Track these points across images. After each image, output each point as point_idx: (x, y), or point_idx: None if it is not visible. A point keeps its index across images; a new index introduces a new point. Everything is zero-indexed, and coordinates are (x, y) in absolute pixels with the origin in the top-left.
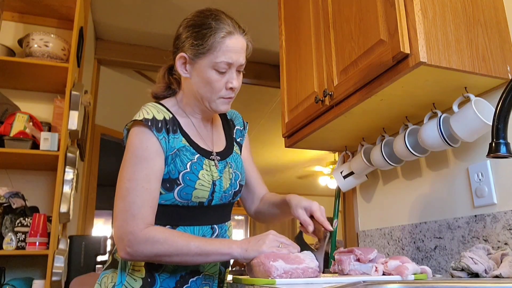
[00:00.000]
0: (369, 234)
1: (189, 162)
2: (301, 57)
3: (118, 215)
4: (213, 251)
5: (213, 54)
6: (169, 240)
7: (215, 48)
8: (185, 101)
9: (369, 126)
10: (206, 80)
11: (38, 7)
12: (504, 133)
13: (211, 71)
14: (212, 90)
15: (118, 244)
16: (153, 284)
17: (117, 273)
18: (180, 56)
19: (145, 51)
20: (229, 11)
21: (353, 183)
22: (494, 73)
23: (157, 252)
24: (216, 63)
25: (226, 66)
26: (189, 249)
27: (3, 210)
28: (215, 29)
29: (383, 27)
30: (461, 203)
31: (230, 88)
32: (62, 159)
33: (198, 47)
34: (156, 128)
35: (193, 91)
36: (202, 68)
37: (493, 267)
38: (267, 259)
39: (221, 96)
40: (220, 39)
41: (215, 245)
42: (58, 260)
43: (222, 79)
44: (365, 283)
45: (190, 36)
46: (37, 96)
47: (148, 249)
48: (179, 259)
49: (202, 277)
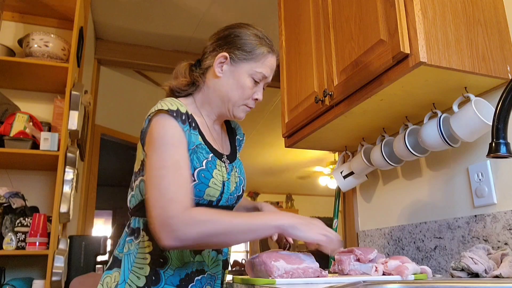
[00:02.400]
0: (369, 234)
1: (205, 160)
2: (301, 57)
3: (154, 204)
4: (261, 225)
5: (256, 63)
6: (213, 219)
7: (259, 59)
8: (204, 101)
9: (369, 126)
10: (241, 84)
11: (38, 7)
12: (504, 133)
13: (248, 78)
14: (242, 95)
15: (161, 233)
16: (157, 282)
17: (119, 273)
18: (222, 55)
19: (145, 51)
20: (229, 11)
21: (353, 183)
22: (494, 73)
23: (203, 233)
24: (255, 72)
25: (261, 78)
26: (236, 226)
27: (3, 210)
28: (264, 43)
29: (383, 27)
30: (461, 203)
31: (255, 99)
32: (62, 159)
33: (247, 53)
34: (181, 120)
35: (220, 91)
36: (241, 72)
37: (493, 267)
38: (269, 259)
39: (245, 104)
40: (266, 53)
41: (261, 219)
42: (58, 260)
43: (253, 89)
44: (365, 283)
45: (241, 40)
46: (37, 96)
47: (193, 231)
48: (227, 238)
49: (206, 276)
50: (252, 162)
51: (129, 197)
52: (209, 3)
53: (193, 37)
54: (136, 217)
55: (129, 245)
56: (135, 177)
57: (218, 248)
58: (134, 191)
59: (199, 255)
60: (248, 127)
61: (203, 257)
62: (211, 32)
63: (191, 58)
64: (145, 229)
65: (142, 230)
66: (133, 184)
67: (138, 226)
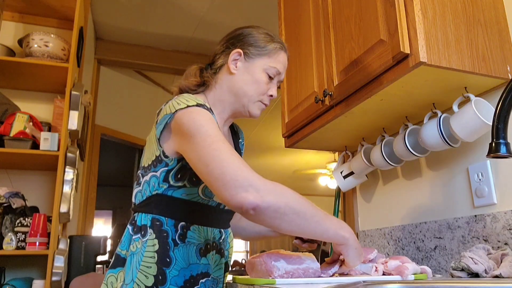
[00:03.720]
0: (369, 234)
1: None
2: (301, 57)
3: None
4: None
5: (269, 59)
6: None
7: (273, 55)
8: (216, 99)
9: (369, 126)
10: (256, 79)
11: (38, 7)
12: (504, 133)
13: (263, 73)
14: (257, 90)
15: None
16: (164, 282)
17: (124, 272)
18: (236, 52)
19: (145, 51)
20: (229, 11)
21: (353, 183)
22: (494, 73)
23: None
24: (269, 67)
25: (275, 73)
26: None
27: (3, 210)
28: (276, 40)
29: (383, 27)
30: (461, 203)
31: (270, 95)
32: (62, 159)
33: (260, 48)
34: (212, 113)
35: (235, 87)
36: (256, 68)
37: (493, 267)
38: (269, 259)
39: (260, 100)
40: (279, 49)
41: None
42: (58, 260)
43: (268, 84)
44: (365, 283)
45: (253, 37)
46: (37, 96)
47: (277, 196)
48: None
49: (210, 279)
50: (252, 162)
51: (134, 192)
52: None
53: (193, 37)
54: (141, 213)
55: (136, 243)
56: (145, 172)
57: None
58: (141, 187)
59: (205, 257)
60: (248, 127)
61: (208, 259)
62: (211, 32)
63: (191, 58)
64: (152, 227)
65: (149, 227)
66: (141, 180)
67: (145, 223)
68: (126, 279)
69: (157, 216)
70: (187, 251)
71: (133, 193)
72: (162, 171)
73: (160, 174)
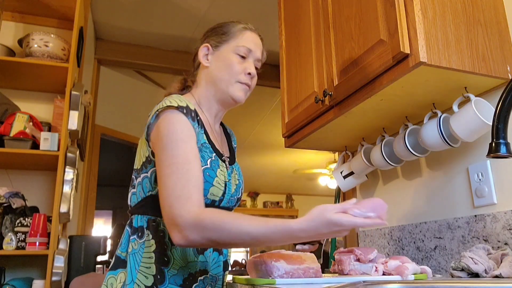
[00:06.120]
0: (369, 234)
1: (209, 158)
2: (301, 57)
3: (164, 203)
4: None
5: (235, 41)
6: (220, 227)
7: (237, 36)
8: (201, 95)
9: (369, 126)
10: (227, 62)
11: (38, 7)
12: (504, 133)
13: (233, 54)
14: (232, 72)
15: (170, 232)
16: (162, 281)
17: (125, 273)
18: (203, 46)
19: (145, 51)
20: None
21: (353, 183)
22: (494, 73)
23: (208, 239)
24: (237, 47)
25: (246, 51)
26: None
27: (3, 210)
28: (236, 23)
29: (383, 27)
30: (461, 203)
31: (248, 73)
32: (62, 159)
33: (221, 36)
34: (190, 117)
35: (212, 78)
36: (225, 53)
37: (493, 267)
38: (270, 259)
39: (238, 80)
40: (241, 29)
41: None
42: (58, 260)
43: (242, 64)
44: (365, 283)
45: (213, 31)
46: (37, 96)
47: (198, 235)
48: (235, 246)
49: (209, 276)
50: (252, 162)
51: (129, 194)
52: (209, 3)
53: (193, 37)
54: (137, 215)
55: (133, 244)
56: (137, 174)
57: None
58: (135, 189)
59: (202, 255)
60: (248, 127)
61: (205, 257)
62: None
63: (191, 58)
64: (149, 228)
65: (146, 228)
66: (134, 182)
67: (142, 224)
68: (126, 279)
69: (153, 217)
70: (184, 250)
71: (129, 195)
72: (152, 172)
73: (150, 174)
